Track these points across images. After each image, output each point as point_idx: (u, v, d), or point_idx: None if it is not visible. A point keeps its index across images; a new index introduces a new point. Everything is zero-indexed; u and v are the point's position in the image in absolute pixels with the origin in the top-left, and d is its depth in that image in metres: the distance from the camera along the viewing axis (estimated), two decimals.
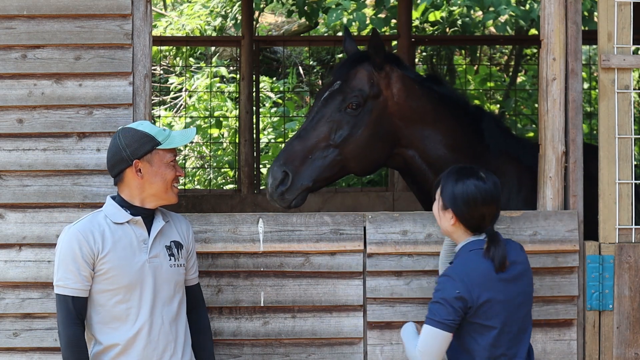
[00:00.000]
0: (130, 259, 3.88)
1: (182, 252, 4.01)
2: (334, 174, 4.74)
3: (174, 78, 12.58)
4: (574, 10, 4.52)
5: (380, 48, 4.85)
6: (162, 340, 3.90)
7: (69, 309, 3.82)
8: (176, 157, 4.01)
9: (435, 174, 4.83)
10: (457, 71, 12.14)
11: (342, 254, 4.45)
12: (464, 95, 5.75)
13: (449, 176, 3.93)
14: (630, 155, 4.46)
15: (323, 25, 12.90)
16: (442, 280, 3.81)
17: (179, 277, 3.98)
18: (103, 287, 3.86)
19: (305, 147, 4.65)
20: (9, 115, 4.48)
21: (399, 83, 4.90)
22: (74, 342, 3.81)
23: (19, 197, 4.45)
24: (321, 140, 4.68)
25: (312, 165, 4.62)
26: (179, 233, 4.04)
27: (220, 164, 11.31)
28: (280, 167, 4.57)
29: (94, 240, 3.84)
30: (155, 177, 3.93)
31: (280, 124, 11.28)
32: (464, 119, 5.06)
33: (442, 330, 3.73)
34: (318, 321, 4.46)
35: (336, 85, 4.83)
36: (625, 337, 4.42)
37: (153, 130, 3.93)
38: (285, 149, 4.67)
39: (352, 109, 4.75)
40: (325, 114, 4.75)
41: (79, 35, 4.49)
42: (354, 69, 4.85)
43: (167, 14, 13.59)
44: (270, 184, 4.54)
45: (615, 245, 4.43)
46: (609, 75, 4.49)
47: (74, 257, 3.82)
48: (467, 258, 3.83)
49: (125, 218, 3.92)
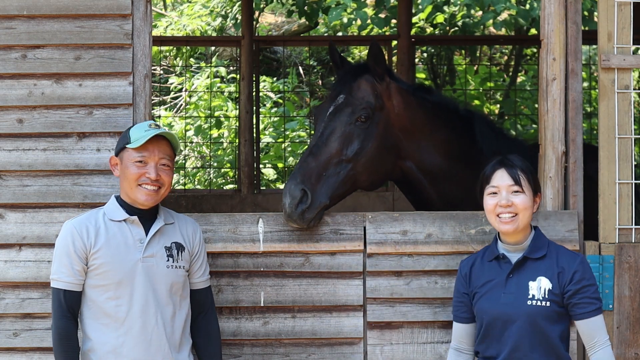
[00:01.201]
0: (122, 256, 3.90)
1: (183, 255, 4.01)
2: (346, 190, 4.61)
3: (174, 78, 12.58)
4: (574, 10, 4.52)
5: (381, 58, 4.79)
6: (155, 341, 3.90)
7: (61, 301, 3.87)
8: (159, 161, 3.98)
9: (431, 183, 4.84)
10: (457, 71, 12.13)
11: (342, 254, 4.45)
12: (453, 100, 5.72)
13: (521, 163, 3.94)
14: (630, 155, 4.46)
15: (323, 25, 12.90)
16: (587, 264, 3.92)
17: (177, 278, 3.98)
18: (95, 282, 3.89)
19: (319, 163, 4.51)
20: (9, 115, 4.48)
21: (397, 94, 4.85)
22: (63, 334, 3.86)
23: (19, 197, 4.45)
24: (334, 155, 4.55)
25: (327, 182, 4.49)
26: (182, 235, 4.04)
27: (221, 164, 11.31)
28: (298, 185, 4.38)
29: (87, 235, 3.90)
30: (123, 175, 3.99)
31: (281, 124, 11.28)
32: (456, 124, 5.06)
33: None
34: (318, 321, 4.46)
35: (340, 98, 4.71)
36: (625, 337, 4.42)
37: (135, 130, 3.99)
38: (300, 167, 4.50)
39: (361, 122, 4.64)
40: (334, 128, 4.63)
41: (79, 35, 4.49)
42: (356, 81, 4.75)
43: (167, 14, 13.59)
44: (288, 204, 4.35)
45: (615, 245, 4.43)
46: (609, 75, 4.49)
47: (68, 251, 3.89)
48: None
49: (122, 216, 3.96)
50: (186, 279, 4.04)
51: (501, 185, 3.90)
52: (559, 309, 3.85)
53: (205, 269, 4.14)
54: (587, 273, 3.87)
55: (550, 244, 3.95)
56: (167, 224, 4.03)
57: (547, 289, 3.84)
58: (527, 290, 3.85)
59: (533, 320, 3.83)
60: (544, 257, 3.90)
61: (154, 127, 4.00)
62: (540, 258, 3.90)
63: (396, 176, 4.97)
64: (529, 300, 3.84)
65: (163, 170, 3.98)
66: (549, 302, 3.83)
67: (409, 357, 4.44)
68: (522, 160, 3.98)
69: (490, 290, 3.92)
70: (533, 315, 3.83)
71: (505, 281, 3.89)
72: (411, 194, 5.06)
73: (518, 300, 3.85)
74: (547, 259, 3.89)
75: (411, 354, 4.44)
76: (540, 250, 3.91)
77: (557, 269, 3.86)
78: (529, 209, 3.89)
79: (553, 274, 3.85)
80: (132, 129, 4.02)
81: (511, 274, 3.90)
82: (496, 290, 3.91)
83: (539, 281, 3.85)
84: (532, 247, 3.92)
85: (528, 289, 3.85)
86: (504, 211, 3.88)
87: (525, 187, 3.90)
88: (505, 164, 3.94)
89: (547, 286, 3.84)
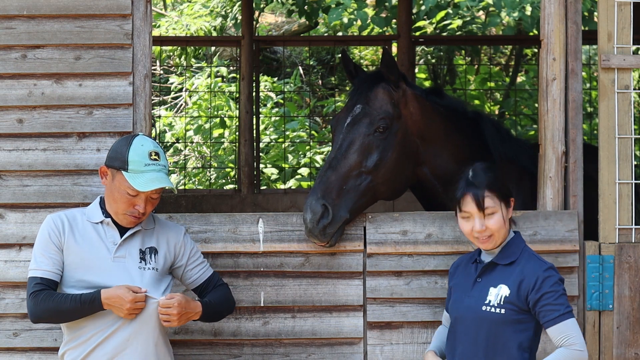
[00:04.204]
0: (94, 254, 3.92)
1: (157, 257, 4.00)
2: (367, 202, 4.53)
3: (174, 78, 12.58)
4: (574, 10, 4.52)
5: (394, 65, 4.71)
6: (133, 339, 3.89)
7: (37, 284, 3.87)
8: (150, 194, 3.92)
9: (443, 187, 4.76)
10: (458, 71, 12.13)
11: (342, 254, 4.45)
12: (462, 102, 5.66)
13: (483, 180, 3.86)
14: (630, 155, 4.46)
15: (323, 25, 12.90)
16: (555, 273, 3.81)
17: (149, 279, 3.95)
18: (69, 277, 3.92)
19: (339, 177, 4.43)
20: (9, 115, 4.48)
21: (414, 101, 4.78)
22: (48, 293, 3.85)
23: (19, 197, 4.45)
24: (353, 168, 4.47)
25: (348, 195, 4.41)
26: (158, 240, 4.03)
27: (222, 164, 11.30)
28: (319, 200, 4.32)
29: (62, 228, 3.94)
30: (110, 193, 3.97)
31: (281, 124, 11.28)
32: (466, 128, 5.02)
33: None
34: (318, 321, 4.46)
35: (357, 109, 4.63)
36: (625, 337, 4.42)
37: (134, 156, 3.91)
38: (319, 182, 4.43)
39: (380, 132, 4.56)
40: (353, 140, 4.54)
41: (79, 35, 4.49)
42: (372, 91, 4.67)
43: (167, 14, 13.59)
44: (309, 219, 4.30)
45: (615, 245, 4.43)
46: (609, 75, 4.49)
47: (45, 241, 3.93)
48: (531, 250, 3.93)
49: (99, 218, 3.99)
50: (158, 279, 3.99)
51: (472, 212, 3.84)
52: (518, 316, 3.77)
53: (203, 260, 4.16)
54: (550, 281, 3.77)
55: (524, 251, 3.88)
56: (145, 229, 4.03)
57: (504, 296, 3.78)
58: (486, 296, 3.82)
59: (486, 326, 3.79)
60: (512, 263, 3.84)
61: (154, 158, 3.92)
62: (508, 264, 3.84)
63: (412, 182, 4.90)
64: (484, 306, 3.80)
65: (151, 201, 3.96)
66: (504, 309, 3.77)
67: (409, 357, 4.44)
68: (487, 172, 3.89)
69: (459, 291, 3.93)
70: (486, 321, 3.79)
71: (472, 284, 3.88)
72: (425, 199, 5.00)
73: (477, 305, 3.81)
74: (515, 265, 3.83)
75: (411, 354, 4.44)
76: (510, 257, 3.85)
77: (520, 276, 3.79)
78: (503, 225, 3.85)
79: (514, 281, 3.79)
80: (130, 153, 3.92)
81: (479, 278, 3.88)
82: (462, 293, 3.90)
83: (499, 288, 3.81)
84: (503, 254, 3.87)
85: (487, 295, 3.82)
86: (479, 235, 3.84)
87: (495, 205, 3.83)
88: (470, 186, 3.85)
89: (505, 293, 3.79)
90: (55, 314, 3.87)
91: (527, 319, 3.78)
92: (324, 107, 12.38)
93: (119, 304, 3.80)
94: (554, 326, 3.73)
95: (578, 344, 3.72)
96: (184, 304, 3.88)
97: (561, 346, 3.72)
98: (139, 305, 3.82)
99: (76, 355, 3.90)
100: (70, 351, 3.92)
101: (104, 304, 3.82)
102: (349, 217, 4.39)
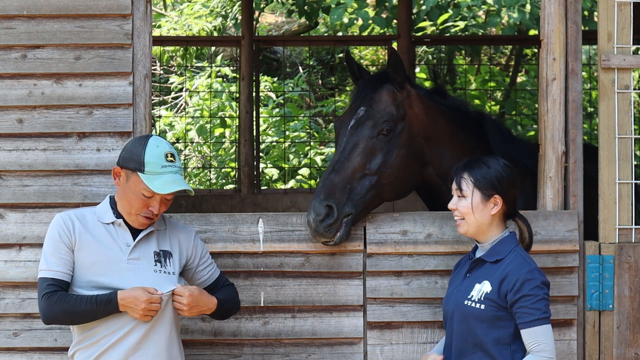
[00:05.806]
0: (108, 255, 3.89)
1: (172, 261, 3.99)
2: (372, 203, 4.52)
3: (175, 78, 12.58)
4: (574, 10, 4.52)
5: (401, 66, 4.69)
6: (145, 342, 3.87)
7: (49, 286, 3.84)
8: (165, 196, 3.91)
9: (448, 186, 4.78)
10: (458, 71, 12.13)
11: (342, 254, 4.45)
12: (465, 102, 5.66)
13: (472, 166, 3.93)
14: (630, 155, 4.46)
15: (323, 25, 12.90)
16: (538, 276, 3.80)
17: (164, 283, 3.93)
18: (79, 278, 3.89)
19: (342, 179, 4.43)
20: (9, 115, 4.48)
21: (418, 102, 4.77)
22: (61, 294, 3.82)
23: (19, 197, 4.45)
24: (357, 170, 4.47)
25: (352, 193, 4.41)
26: (171, 242, 4.03)
27: (222, 164, 11.30)
28: (322, 202, 4.33)
29: (73, 228, 3.91)
30: (124, 194, 3.94)
31: (281, 124, 11.29)
32: (470, 128, 5.02)
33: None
34: (318, 321, 4.46)
35: (361, 111, 4.62)
36: (625, 337, 4.42)
37: (151, 157, 3.89)
38: (323, 184, 4.43)
39: (384, 135, 4.55)
40: (356, 143, 4.54)
41: (79, 35, 4.49)
42: (376, 93, 4.66)
43: (167, 14, 13.59)
44: (313, 219, 4.31)
45: (615, 245, 4.43)
46: (609, 75, 4.49)
47: (55, 242, 3.89)
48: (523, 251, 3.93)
49: (110, 219, 3.96)
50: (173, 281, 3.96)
51: (454, 189, 3.99)
52: (497, 313, 3.80)
53: (212, 261, 4.17)
54: (530, 284, 3.78)
55: (513, 250, 3.90)
56: (157, 230, 4.02)
57: (486, 292, 3.82)
58: (470, 291, 3.88)
59: (466, 320, 3.85)
60: (498, 261, 3.88)
61: (170, 159, 3.91)
62: (494, 262, 3.88)
63: (419, 182, 4.88)
64: (466, 300, 3.86)
65: (165, 202, 3.95)
66: (484, 305, 3.81)
67: (409, 357, 4.44)
68: (483, 163, 3.94)
69: (452, 286, 4.02)
70: (466, 315, 3.85)
71: (462, 279, 3.96)
72: (430, 199, 5.00)
73: (461, 299, 3.89)
74: (501, 264, 3.87)
75: (411, 354, 4.44)
76: (497, 255, 3.89)
77: (503, 275, 3.82)
78: (470, 213, 3.90)
79: (497, 279, 3.83)
80: (147, 154, 3.91)
81: (468, 273, 3.95)
82: (453, 287, 3.99)
83: (482, 284, 3.86)
84: (491, 250, 3.91)
85: (472, 290, 3.88)
86: (454, 214, 3.99)
87: (467, 190, 3.92)
88: (464, 167, 3.97)
89: (486, 290, 3.83)
90: (70, 316, 3.84)
91: (506, 317, 3.83)
92: (324, 107, 12.38)
93: (134, 304, 3.78)
94: (526, 329, 3.77)
95: (548, 351, 3.76)
96: (197, 296, 3.89)
97: (531, 351, 3.76)
98: (154, 307, 3.81)
99: (87, 355, 3.87)
100: (81, 351, 3.90)
101: (120, 305, 3.80)
102: (354, 213, 4.38)
